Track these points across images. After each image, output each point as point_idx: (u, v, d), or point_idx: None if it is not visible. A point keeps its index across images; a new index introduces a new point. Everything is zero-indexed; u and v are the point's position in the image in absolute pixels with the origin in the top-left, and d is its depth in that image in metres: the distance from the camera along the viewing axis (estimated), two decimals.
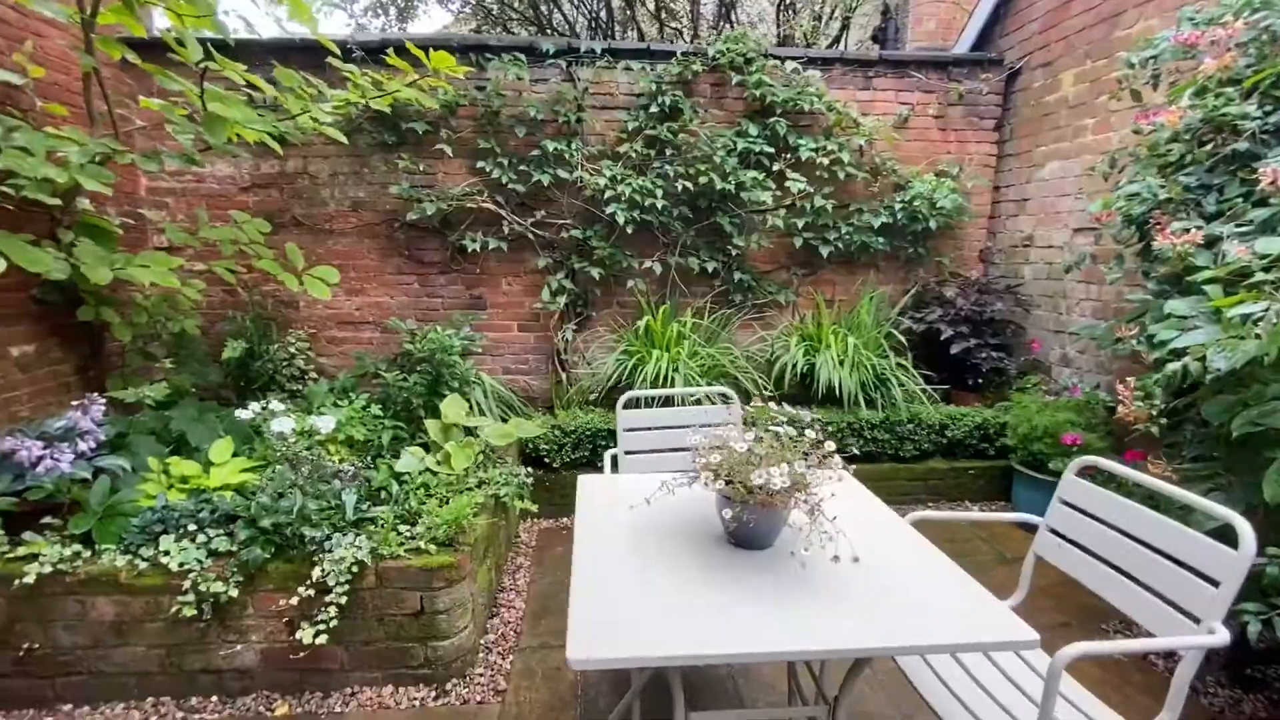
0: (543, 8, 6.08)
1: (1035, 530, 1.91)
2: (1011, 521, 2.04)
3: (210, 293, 4.01)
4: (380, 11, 6.61)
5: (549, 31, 6.12)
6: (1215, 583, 1.41)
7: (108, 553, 2.26)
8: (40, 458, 2.42)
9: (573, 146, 3.98)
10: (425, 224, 4.08)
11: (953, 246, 4.50)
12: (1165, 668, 2.39)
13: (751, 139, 4.01)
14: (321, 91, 3.15)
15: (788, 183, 4.00)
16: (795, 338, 4.05)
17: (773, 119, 4.00)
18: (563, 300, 4.12)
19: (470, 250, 4.07)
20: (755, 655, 1.21)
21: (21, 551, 2.19)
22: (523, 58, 3.85)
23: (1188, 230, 2.06)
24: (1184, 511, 1.82)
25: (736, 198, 4.05)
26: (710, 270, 4.16)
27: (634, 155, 4.00)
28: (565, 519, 3.64)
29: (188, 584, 2.17)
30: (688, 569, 1.45)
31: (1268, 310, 1.71)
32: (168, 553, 2.23)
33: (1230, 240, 2.04)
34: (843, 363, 3.82)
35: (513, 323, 4.35)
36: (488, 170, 3.96)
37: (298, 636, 2.17)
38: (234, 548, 2.25)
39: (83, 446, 2.56)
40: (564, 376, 4.22)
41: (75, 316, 3.28)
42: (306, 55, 3.69)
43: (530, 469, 3.27)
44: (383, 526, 2.38)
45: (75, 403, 2.59)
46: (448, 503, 2.59)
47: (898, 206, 4.16)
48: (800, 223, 4.13)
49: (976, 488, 3.94)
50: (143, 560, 2.23)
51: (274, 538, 2.28)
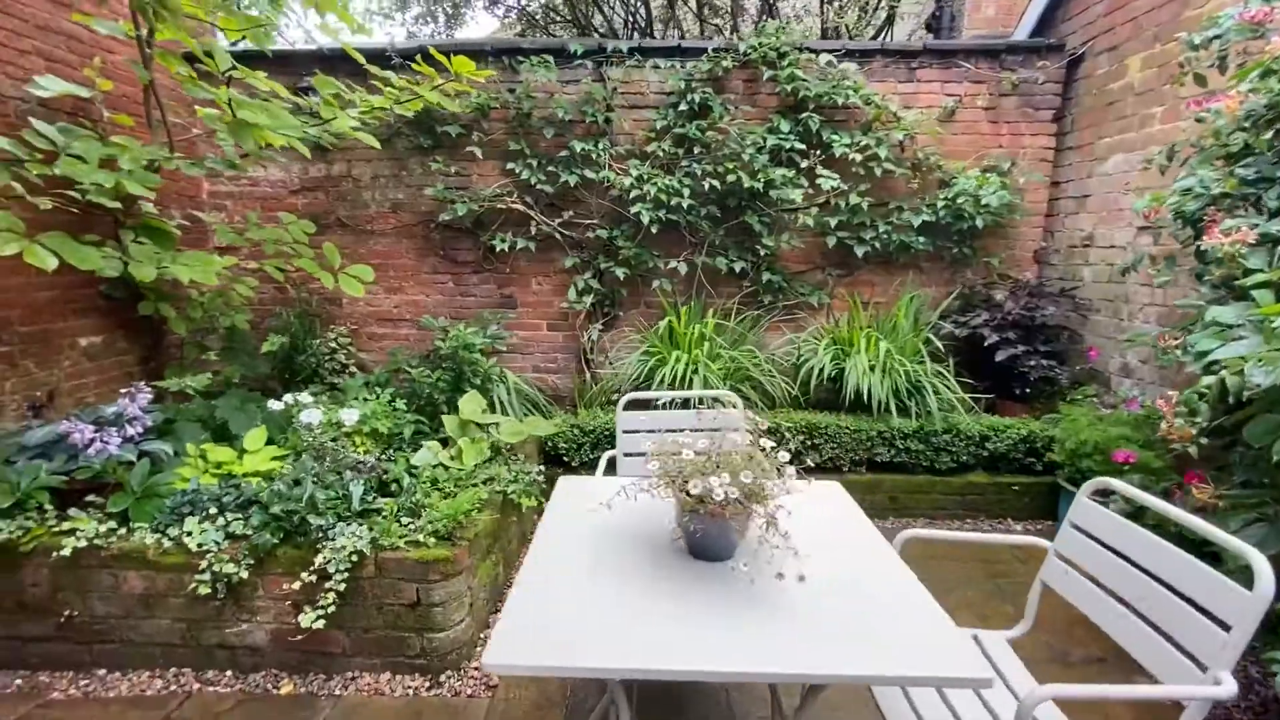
0: (583, 9, 6.14)
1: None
2: (1019, 545, 1.88)
3: (262, 290, 4.26)
4: (430, 19, 6.86)
5: (589, 33, 6.16)
6: (1227, 626, 1.25)
7: (140, 531, 2.43)
8: (91, 440, 2.62)
9: (600, 146, 3.99)
10: (458, 224, 4.19)
11: (1004, 246, 4.21)
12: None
13: (783, 135, 3.89)
14: (353, 99, 3.29)
15: (819, 180, 3.86)
16: (825, 341, 3.90)
17: (805, 114, 3.87)
18: (589, 300, 4.13)
19: (500, 250, 4.15)
20: (680, 673, 1.15)
21: (65, 526, 2.39)
22: (550, 59, 3.88)
23: (1238, 228, 1.84)
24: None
25: (765, 196, 3.94)
26: (738, 270, 4.07)
27: (661, 154, 3.96)
28: None
29: (204, 564, 2.31)
30: (638, 578, 1.41)
31: None
32: (190, 533, 2.38)
33: None
34: (873, 368, 3.65)
35: (542, 322, 4.40)
36: (517, 171, 4.02)
37: (299, 620, 2.27)
38: (248, 531, 2.37)
39: (130, 431, 2.77)
40: (589, 376, 4.23)
41: (138, 311, 3.57)
42: (350, 63, 3.85)
43: (549, 467, 3.30)
44: (385, 518, 2.45)
45: (124, 390, 2.81)
46: (453, 497, 2.65)
47: (940, 204, 3.93)
48: (833, 221, 3.98)
49: (1020, 505, 3.68)
50: (168, 539, 2.39)
51: (285, 524, 2.39)
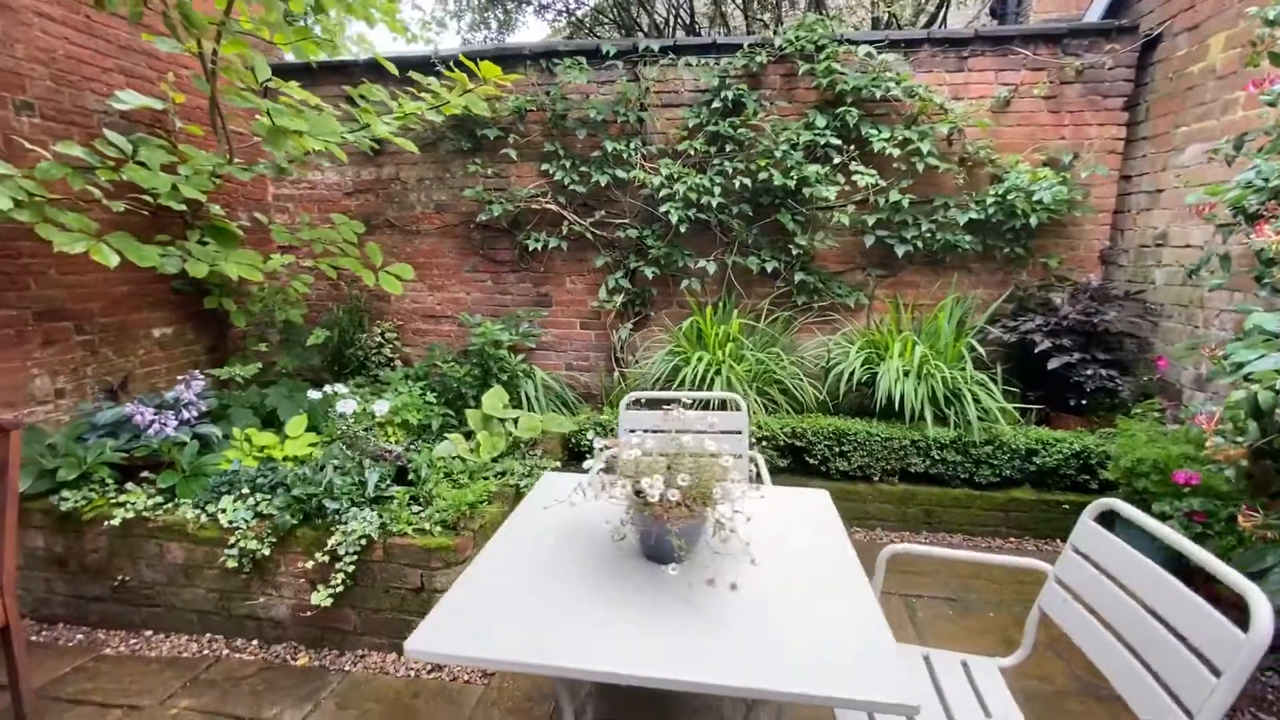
0: (630, 11, 6.15)
1: None
2: (1018, 568, 1.74)
3: (318, 287, 4.54)
4: (484, 25, 7.09)
5: (633, 34, 6.17)
6: (1218, 671, 1.11)
7: (183, 506, 2.65)
8: (151, 422, 2.87)
9: (631, 146, 4.00)
10: (496, 224, 4.31)
11: (1065, 246, 3.90)
12: None
13: (818, 130, 3.76)
14: (392, 105, 3.45)
15: (855, 176, 3.71)
16: (859, 344, 3.74)
17: (842, 109, 3.73)
18: (619, 299, 4.15)
19: (534, 249, 4.24)
20: (591, 673, 1.13)
21: (121, 499, 2.64)
22: (583, 61, 3.93)
23: None
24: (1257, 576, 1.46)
25: (799, 194, 3.83)
26: (770, 270, 3.98)
27: (693, 152, 3.93)
28: None
29: (233, 539, 2.49)
30: (582, 575, 1.41)
31: None
32: (224, 510, 2.58)
33: None
34: (907, 373, 3.47)
35: (575, 320, 4.46)
36: (551, 172, 4.10)
37: (311, 597, 2.41)
38: (273, 511, 2.54)
39: (185, 415, 3.03)
40: (618, 374, 4.25)
41: (204, 305, 3.89)
42: (400, 71, 4.04)
43: (573, 464, 3.35)
44: (397, 505, 2.56)
45: (180, 378, 3.07)
46: (464, 488, 2.73)
47: (989, 201, 3.69)
48: (871, 219, 3.81)
49: (1070, 525, 3.38)
50: (206, 515, 2.59)
51: (305, 506, 2.54)
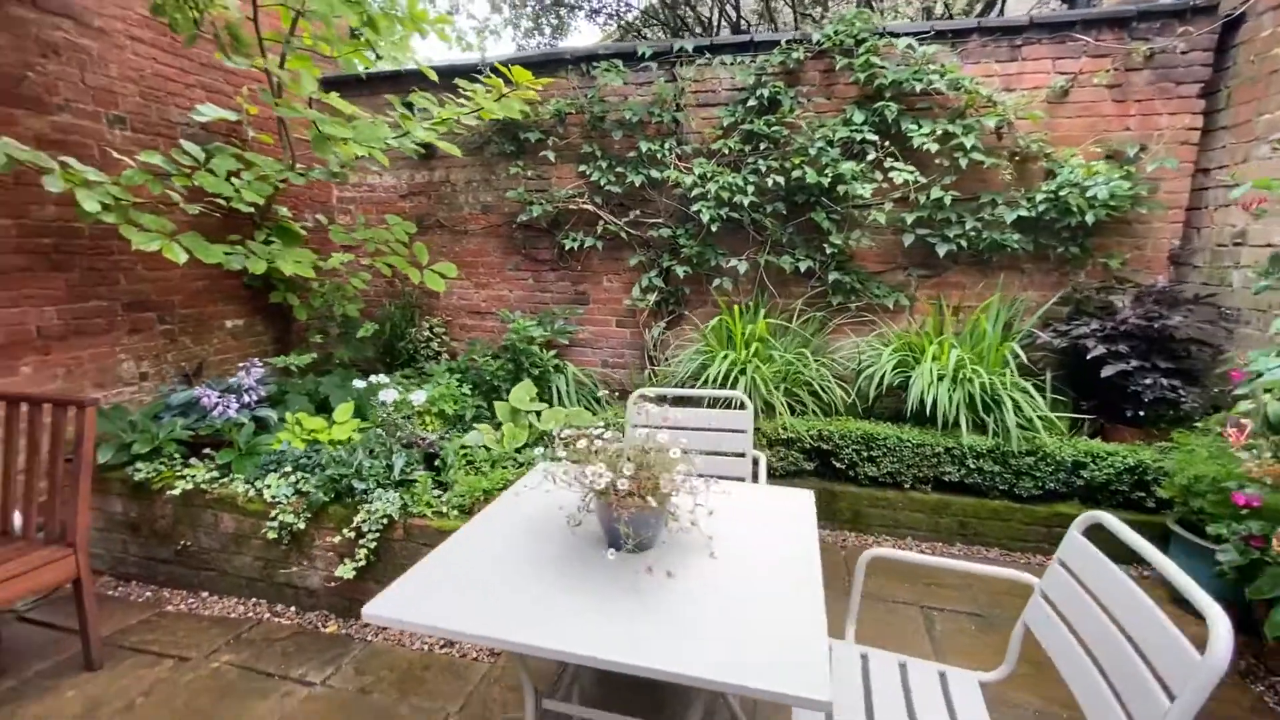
0: (679, 11, 6.16)
1: None
2: (1005, 579, 1.66)
3: (375, 283, 4.84)
4: (538, 31, 7.31)
5: (681, 34, 6.17)
6: (1174, 696, 1.04)
7: (236, 481, 2.92)
8: (216, 404, 3.18)
9: (665, 146, 4.03)
10: (536, 224, 4.46)
11: (1130, 245, 3.63)
12: None
13: (855, 126, 3.67)
14: (437, 111, 3.64)
15: (892, 173, 3.59)
16: (892, 346, 3.62)
17: (880, 104, 3.62)
18: (652, 298, 4.20)
19: (570, 248, 4.35)
20: (515, 645, 1.19)
21: (185, 472, 2.94)
22: (620, 64, 4.00)
23: None
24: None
25: (833, 192, 3.75)
26: (803, 270, 3.91)
27: (727, 151, 3.92)
28: None
29: (274, 513, 2.72)
30: (543, 557, 1.47)
31: None
32: (268, 486, 2.82)
33: None
34: (942, 377, 3.34)
35: (611, 318, 4.54)
36: (588, 173, 4.19)
37: (337, 569, 2.60)
38: (309, 489, 2.76)
39: (246, 399, 3.32)
40: (650, 372, 4.30)
41: (270, 299, 4.24)
42: (447, 78, 4.26)
43: None
44: (419, 489, 2.72)
45: (240, 365, 3.37)
46: (483, 475, 2.87)
47: (1040, 197, 3.48)
48: (910, 217, 3.68)
49: (1124, 546, 3.15)
50: (254, 490, 2.85)
51: (337, 485, 2.74)
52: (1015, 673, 1.57)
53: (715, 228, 3.91)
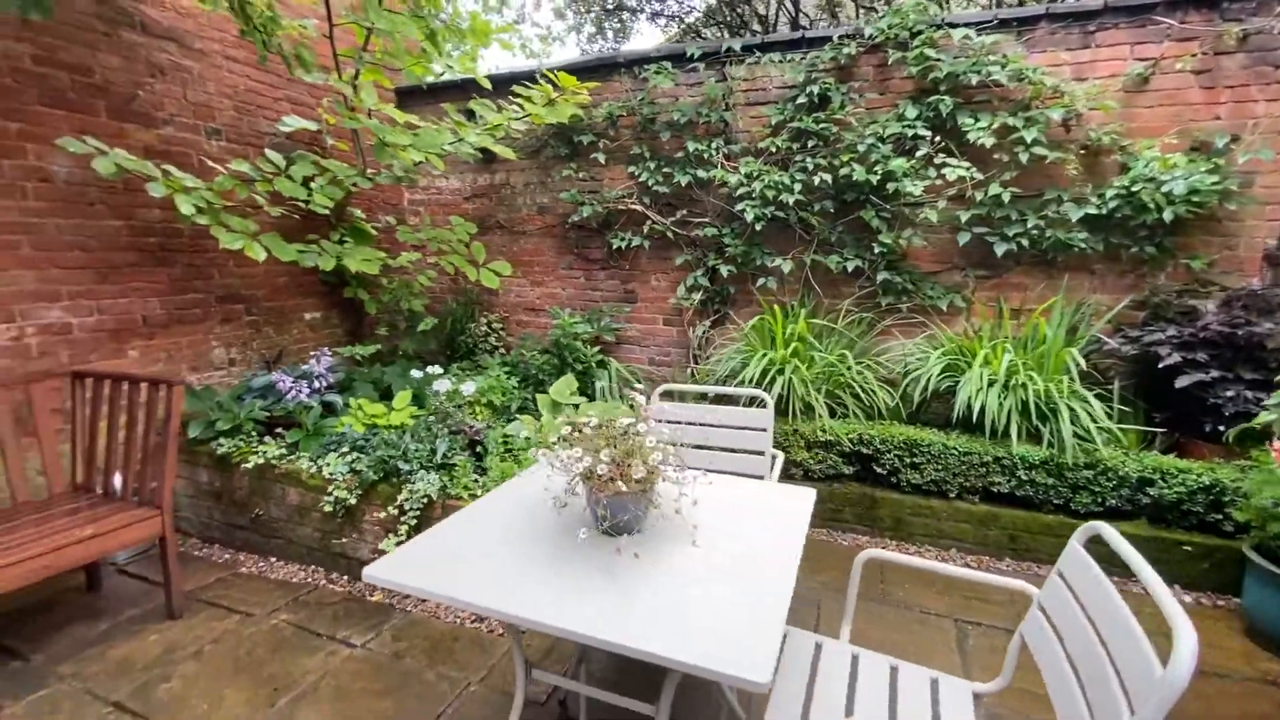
0: (739, 10, 6.10)
1: None
2: (1007, 589, 1.60)
3: (441, 281, 5.14)
4: (600, 36, 7.46)
5: (742, 33, 6.11)
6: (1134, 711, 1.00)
7: (301, 458, 3.21)
8: (290, 388, 3.51)
9: (713, 145, 4.05)
10: (587, 225, 4.59)
11: (1218, 244, 3.31)
12: None
13: (908, 121, 3.55)
14: (493, 117, 3.84)
15: (945, 169, 3.45)
16: (942, 349, 3.48)
17: (934, 97, 3.48)
18: (698, 297, 4.23)
19: (619, 248, 4.45)
20: (508, 615, 1.27)
21: (259, 448, 3.26)
22: (669, 66, 4.05)
23: None
24: None
25: (882, 189, 3.64)
26: (851, 269, 3.82)
27: (775, 150, 3.90)
28: None
29: (331, 488, 2.98)
30: (529, 535, 1.57)
31: None
32: (328, 464, 3.09)
33: None
34: (992, 383, 3.18)
35: (658, 316, 4.61)
36: (637, 174, 4.28)
37: (381, 544, 2.81)
38: (361, 469, 2.99)
39: (316, 385, 3.64)
40: (693, 370, 4.33)
41: (344, 294, 4.60)
42: (507, 84, 4.46)
43: None
44: (459, 472, 2.90)
45: (311, 354, 3.69)
46: (519, 463, 3.01)
47: (1111, 194, 3.25)
48: (965, 215, 3.52)
49: (1196, 572, 2.91)
50: (315, 466, 3.12)
51: (385, 466, 2.97)
52: (1012, 686, 1.51)
53: (760, 227, 3.89)
